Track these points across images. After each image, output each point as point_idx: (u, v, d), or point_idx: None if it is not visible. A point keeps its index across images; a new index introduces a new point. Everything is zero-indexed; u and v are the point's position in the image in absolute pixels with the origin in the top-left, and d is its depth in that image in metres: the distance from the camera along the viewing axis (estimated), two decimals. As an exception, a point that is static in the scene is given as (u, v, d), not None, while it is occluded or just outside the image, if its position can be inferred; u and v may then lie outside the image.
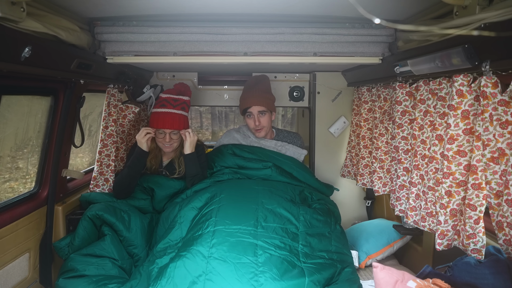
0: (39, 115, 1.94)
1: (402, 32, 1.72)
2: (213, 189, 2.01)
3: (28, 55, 1.26)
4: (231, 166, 2.24)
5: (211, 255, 1.60)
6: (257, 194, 1.94)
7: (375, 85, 2.22)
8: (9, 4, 1.08)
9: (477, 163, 1.31)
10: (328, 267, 1.66)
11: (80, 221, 1.93)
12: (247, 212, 1.82)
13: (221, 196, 1.93)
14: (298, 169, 2.24)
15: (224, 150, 2.33)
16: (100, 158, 2.21)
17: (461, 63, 1.23)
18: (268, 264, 1.58)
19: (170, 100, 2.21)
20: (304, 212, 1.88)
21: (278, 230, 1.76)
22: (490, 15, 1.05)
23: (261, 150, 2.32)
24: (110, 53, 1.83)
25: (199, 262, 1.58)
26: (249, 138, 2.42)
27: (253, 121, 2.32)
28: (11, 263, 1.67)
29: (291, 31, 1.80)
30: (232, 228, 1.73)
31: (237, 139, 2.44)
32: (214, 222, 1.76)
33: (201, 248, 1.64)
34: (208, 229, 1.73)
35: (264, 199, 1.90)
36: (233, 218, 1.78)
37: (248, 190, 1.99)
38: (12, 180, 2.57)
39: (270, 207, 1.86)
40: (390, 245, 2.18)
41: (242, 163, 2.23)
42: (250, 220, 1.77)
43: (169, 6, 1.56)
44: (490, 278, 1.34)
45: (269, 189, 2.00)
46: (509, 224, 1.20)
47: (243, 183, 2.09)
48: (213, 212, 1.83)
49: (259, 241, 1.68)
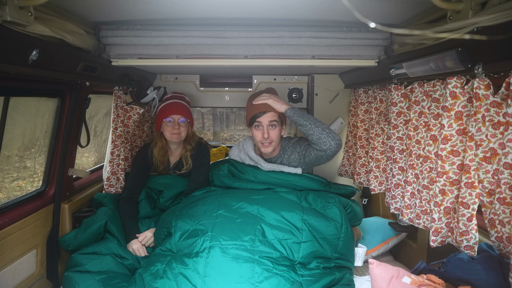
0: (46, 116, 1.97)
1: (398, 35, 1.75)
2: (210, 200, 1.88)
3: (35, 58, 1.28)
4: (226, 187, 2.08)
5: (206, 275, 1.53)
6: (256, 205, 1.80)
7: (371, 87, 2.24)
8: (17, 9, 1.11)
9: (470, 163, 1.33)
10: (327, 275, 1.63)
11: (95, 222, 1.97)
12: (244, 226, 1.70)
13: (219, 212, 1.78)
14: (301, 180, 1.99)
15: (221, 170, 2.12)
16: (112, 159, 2.29)
17: (455, 66, 1.26)
18: (264, 283, 1.51)
19: (176, 95, 2.32)
20: (308, 218, 1.74)
21: (277, 243, 1.65)
22: (483, 19, 1.08)
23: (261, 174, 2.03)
24: (115, 56, 1.87)
25: (195, 280, 1.52)
26: (245, 160, 2.13)
27: (261, 133, 1.97)
28: (19, 259, 1.70)
29: (290, 34, 1.83)
30: (228, 243, 1.64)
31: (238, 159, 2.21)
32: (210, 237, 1.67)
33: (196, 265, 1.57)
34: (204, 245, 1.65)
35: (264, 211, 1.76)
36: (229, 233, 1.67)
37: (247, 201, 1.82)
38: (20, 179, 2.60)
39: (269, 219, 1.73)
40: (386, 242, 2.20)
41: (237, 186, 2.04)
42: (248, 234, 1.67)
43: (172, 10, 1.59)
44: (482, 274, 1.35)
45: (270, 197, 1.85)
46: (501, 221, 1.21)
47: (242, 193, 1.92)
48: (209, 226, 1.72)
49: (256, 256, 1.60)
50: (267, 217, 1.75)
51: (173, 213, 1.89)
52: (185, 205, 1.91)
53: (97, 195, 2.26)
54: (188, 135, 2.30)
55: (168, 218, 1.88)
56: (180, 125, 2.22)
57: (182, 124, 2.23)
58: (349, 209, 1.91)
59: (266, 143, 1.98)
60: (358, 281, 1.76)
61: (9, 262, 1.64)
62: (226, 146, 3.98)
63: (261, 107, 1.97)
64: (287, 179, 1.96)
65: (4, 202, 1.76)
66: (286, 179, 1.96)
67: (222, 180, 2.09)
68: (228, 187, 2.06)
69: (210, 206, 1.82)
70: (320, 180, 2.02)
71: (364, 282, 1.74)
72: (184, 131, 2.25)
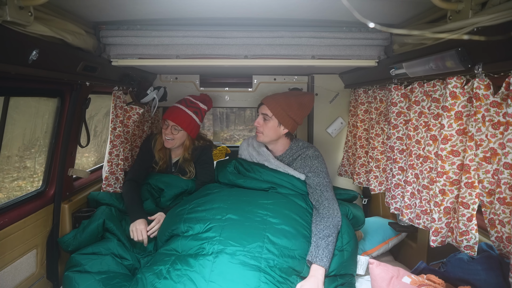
0: (46, 116, 1.97)
1: (397, 35, 1.75)
2: (218, 203, 1.85)
3: (35, 58, 1.28)
4: (231, 184, 2.09)
5: (211, 281, 1.50)
6: (265, 210, 1.78)
7: (371, 87, 2.24)
8: (17, 9, 1.11)
9: (470, 163, 1.34)
10: (330, 283, 1.63)
11: (93, 222, 1.96)
12: (253, 231, 1.67)
13: (228, 216, 1.76)
14: (304, 185, 1.97)
15: (228, 167, 2.13)
16: (111, 159, 2.29)
17: (455, 66, 1.26)
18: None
19: (188, 100, 2.30)
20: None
21: (285, 251, 1.63)
22: (483, 19, 1.08)
23: (264, 172, 2.04)
24: (115, 56, 1.87)
25: (200, 284, 1.50)
26: (253, 154, 2.16)
27: (256, 120, 2.10)
28: (19, 259, 1.71)
29: (290, 34, 1.84)
30: (236, 249, 1.60)
31: (246, 153, 2.22)
32: (218, 241, 1.63)
33: (203, 269, 1.54)
34: (212, 249, 1.62)
35: (273, 218, 1.74)
36: (237, 238, 1.64)
37: (256, 205, 1.80)
38: (20, 179, 2.60)
39: (278, 227, 1.70)
40: (386, 242, 2.20)
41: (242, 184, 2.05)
42: (256, 241, 1.63)
43: (172, 10, 1.59)
44: (482, 274, 1.35)
45: (279, 202, 1.83)
46: (501, 221, 1.21)
47: (251, 196, 1.89)
48: (217, 230, 1.69)
49: (263, 264, 1.57)
50: (275, 223, 1.73)
51: (181, 215, 1.85)
52: (192, 207, 1.88)
53: (90, 194, 2.24)
54: (185, 146, 2.28)
55: (176, 220, 1.84)
56: (172, 132, 2.22)
57: (175, 132, 2.23)
58: (350, 216, 1.93)
59: (258, 131, 2.07)
60: (358, 281, 1.76)
61: (9, 262, 1.64)
62: (226, 146, 3.99)
63: (264, 99, 2.05)
64: (291, 182, 1.96)
65: (4, 202, 1.76)
66: (290, 181, 1.96)
67: (228, 177, 2.09)
68: (233, 184, 2.07)
69: (219, 209, 1.80)
70: None
71: (364, 282, 1.74)
72: (178, 139, 2.24)
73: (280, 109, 1.97)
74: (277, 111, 1.97)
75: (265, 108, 2.01)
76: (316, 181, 1.91)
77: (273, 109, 1.97)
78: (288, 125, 2.01)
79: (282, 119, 1.99)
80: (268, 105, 1.98)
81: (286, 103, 1.98)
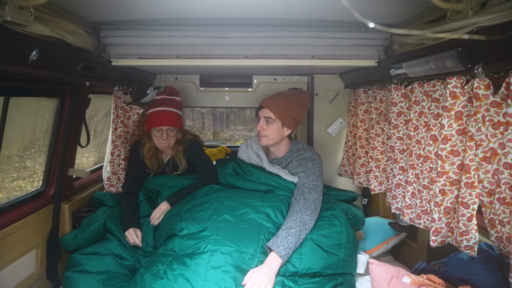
0: (46, 116, 1.97)
1: (397, 35, 1.75)
2: (215, 204, 1.87)
3: (35, 58, 1.29)
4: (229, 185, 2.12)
5: (207, 279, 1.52)
6: (262, 214, 1.79)
7: (371, 87, 2.24)
8: (17, 9, 1.11)
9: (470, 163, 1.34)
10: (329, 281, 1.63)
11: (94, 222, 1.97)
12: (248, 233, 1.69)
13: (223, 216, 1.78)
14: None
15: (227, 168, 2.15)
16: (113, 159, 2.31)
17: (455, 66, 1.26)
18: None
19: (165, 100, 2.29)
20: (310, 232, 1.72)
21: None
22: (483, 19, 1.08)
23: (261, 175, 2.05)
24: (115, 56, 1.87)
25: (195, 283, 1.51)
26: (252, 156, 2.18)
27: (259, 125, 2.06)
28: (19, 259, 1.71)
29: (290, 34, 1.84)
30: (231, 250, 1.62)
31: (245, 155, 2.25)
32: (213, 241, 1.65)
33: (198, 268, 1.56)
34: (207, 248, 1.63)
35: (268, 222, 1.76)
36: (233, 239, 1.66)
37: (252, 208, 1.82)
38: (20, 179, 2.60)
39: (273, 229, 1.73)
40: (386, 242, 2.20)
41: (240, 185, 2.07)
42: (252, 243, 1.65)
43: (172, 10, 1.59)
44: (482, 274, 1.35)
45: (276, 205, 1.84)
46: (501, 221, 1.21)
47: (248, 198, 1.90)
48: (213, 230, 1.71)
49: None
50: (270, 227, 1.75)
51: (178, 215, 1.88)
52: (189, 207, 1.91)
53: (96, 193, 2.28)
54: (178, 139, 2.30)
55: (173, 219, 1.88)
56: (169, 135, 2.24)
57: (171, 133, 2.24)
58: (351, 215, 1.93)
59: (260, 136, 2.05)
60: (358, 281, 1.76)
61: (9, 262, 1.64)
62: (226, 146, 3.99)
63: (262, 102, 2.05)
64: (288, 186, 1.97)
65: (4, 202, 1.77)
66: (286, 185, 1.97)
67: (227, 178, 2.12)
68: (231, 185, 2.10)
69: (215, 210, 1.83)
70: None
71: (364, 282, 1.74)
72: (173, 138, 2.27)
73: (282, 111, 1.98)
74: (280, 113, 1.98)
75: (267, 111, 2.00)
76: (303, 181, 1.91)
77: (276, 112, 1.97)
78: (291, 125, 2.02)
79: (286, 120, 1.99)
80: (271, 108, 1.98)
81: (287, 103, 1.99)
